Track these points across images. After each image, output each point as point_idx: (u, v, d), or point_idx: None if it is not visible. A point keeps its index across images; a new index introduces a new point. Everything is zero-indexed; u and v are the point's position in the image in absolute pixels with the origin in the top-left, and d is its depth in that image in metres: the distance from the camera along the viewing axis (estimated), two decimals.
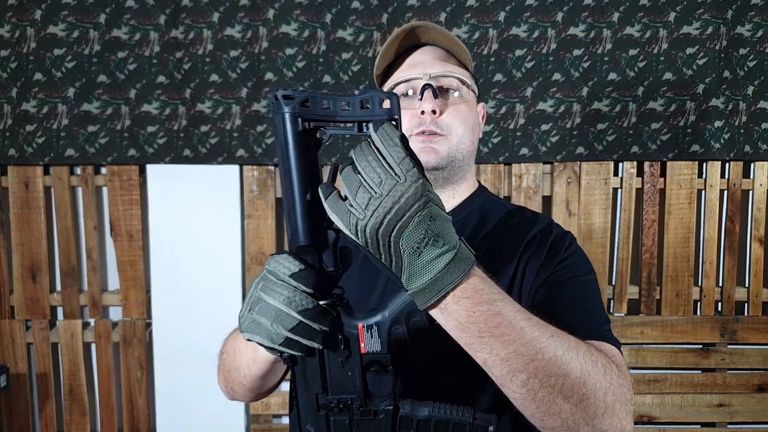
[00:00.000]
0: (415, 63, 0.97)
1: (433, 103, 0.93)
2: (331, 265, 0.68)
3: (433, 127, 0.93)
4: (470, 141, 0.97)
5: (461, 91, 0.97)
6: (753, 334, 2.14)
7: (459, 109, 0.95)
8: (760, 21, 2.01)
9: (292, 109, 0.64)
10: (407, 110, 0.95)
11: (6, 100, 2.00)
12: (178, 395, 2.11)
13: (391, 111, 0.64)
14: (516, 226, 0.98)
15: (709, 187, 2.10)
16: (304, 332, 0.65)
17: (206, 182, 2.06)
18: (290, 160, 0.64)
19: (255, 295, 0.67)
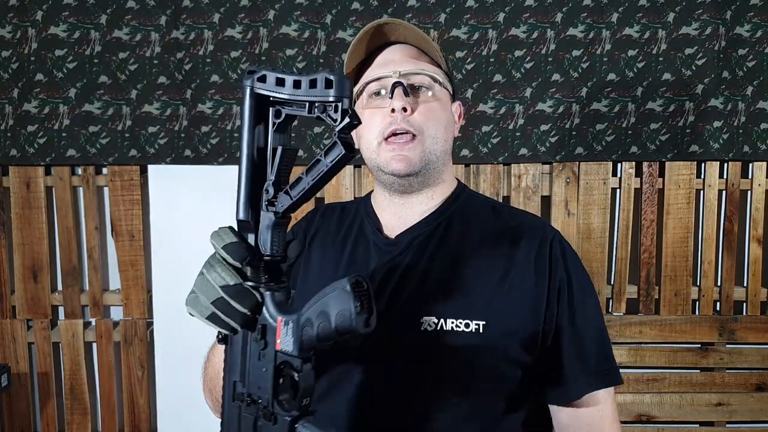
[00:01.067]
0: (385, 61, 0.96)
1: (404, 101, 0.90)
2: (269, 249, 0.69)
3: (404, 125, 0.91)
4: (443, 140, 0.95)
5: (433, 89, 0.94)
6: (751, 333, 2.15)
7: (431, 108, 0.93)
8: (759, 21, 2.01)
9: (249, 83, 0.67)
10: (378, 109, 0.93)
11: (7, 101, 2.00)
12: (179, 395, 2.12)
13: (337, 91, 0.61)
14: (507, 232, 0.96)
15: (708, 187, 2.11)
16: (224, 308, 0.67)
17: (207, 182, 2.07)
18: (242, 133, 0.69)
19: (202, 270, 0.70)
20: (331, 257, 1.00)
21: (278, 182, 0.69)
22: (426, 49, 0.96)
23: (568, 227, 2.10)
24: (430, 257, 0.93)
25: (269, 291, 0.69)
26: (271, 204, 0.68)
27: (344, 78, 0.62)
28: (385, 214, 1.01)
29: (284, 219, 0.69)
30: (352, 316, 0.63)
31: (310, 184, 0.65)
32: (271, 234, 0.68)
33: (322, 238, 1.04)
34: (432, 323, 0.87)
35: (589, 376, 0.93)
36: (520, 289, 0.91)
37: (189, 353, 2.11)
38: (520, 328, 0.89)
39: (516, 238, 0.94)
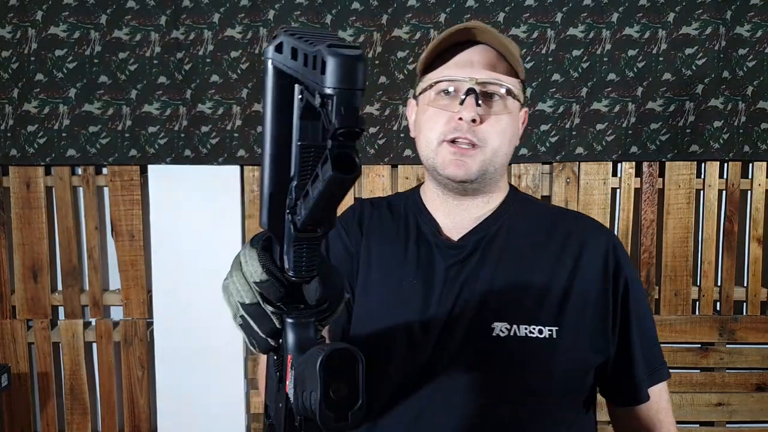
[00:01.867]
0: (463, 62, 0.90)
1: (474, 112, 0.87)
2: (291, 268, 0.55)
3: (469, 136, 0.88)
4: (505, 153, 0.92)
5: (506, 101, 0.90)
6: (751, 333, 2.15)
7: (500, 120, 0.89)
8: (759, 21, 2.01)
9: (269, 54, 0.51)
10: (445, 111, 0.90)
11: (7, 101, 2.00)
12: (179, 395, 2.12)
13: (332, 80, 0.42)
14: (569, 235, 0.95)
15: (708, 187, 2.11)
16: (245, 326, 0.58)
17: (207, 182, 2.07)
18: (264, 119, 0.53)
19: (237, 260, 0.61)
20: (394, 255, 0.96)
21: (301, 186, 0.52)
22: (506, 55, 0.91)
23: None
24: (497, 260, 0.91)
25: (292, 319, 0.57)
26: (293, 212, 0.53)
27: (349, 58, 0.42)
28: (439, 214, 0.98)
29: (306, 233, 0.53)
30: (317, 408, 0.48)
31: (313, 202, 0.48)
32: (293, 250, 0.54)
33: (378, 232, 0.99)
34: (504, 329, 0.86)
35: (652, 374, 0.99)
36: (587, 292, 0.91)
37: (189, 353, 2.12)
38: (591, 332, 0.90)
39: (580, 242, 0.93)
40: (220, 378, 2.12)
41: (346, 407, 0.49)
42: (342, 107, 0.42)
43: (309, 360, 0.50)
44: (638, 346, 0.94)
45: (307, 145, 0.51)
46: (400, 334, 0.89)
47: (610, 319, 0.92)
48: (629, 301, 0.94)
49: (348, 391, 0.49)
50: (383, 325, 0.89)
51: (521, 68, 0.92)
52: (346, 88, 0.42)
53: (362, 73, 0.42)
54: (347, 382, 0.49)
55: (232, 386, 2.14)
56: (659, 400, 1.01)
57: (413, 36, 2.01)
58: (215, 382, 2.12)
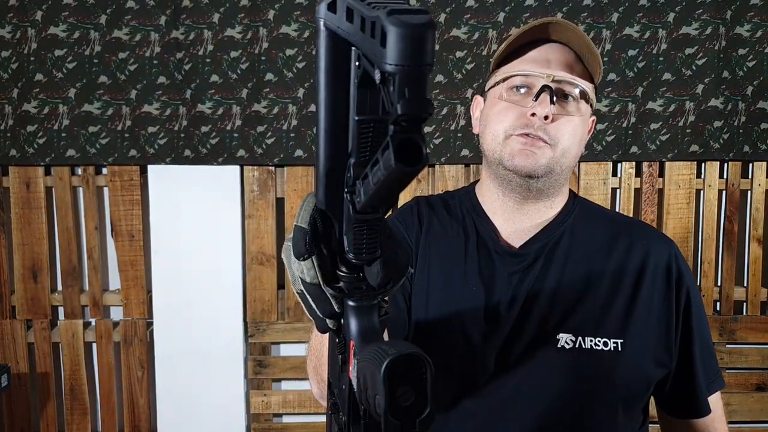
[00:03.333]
0: (538, 59, 0.88)
1: (548, 109, 0.85)
2: (350, 250, 0.50)
3: (540, 133, 0.86)
4: (573, 156, 0.90)
5: (579, 103, 0.89)
6: (752, 333, 2.14)
7: (571, 121, 0.88)
8: (759, 21, 2.01)
9: (321, 13, 0.46)
10: (517, 106, 0.88)
11: (7, 101, 2.00)
12: (179, 395, 2.12)
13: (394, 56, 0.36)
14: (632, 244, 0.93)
15: (708, 187, 2.11)
16: (305, 303, 0.54)
17: (207, 183, 2.07)
18: (317, 86, 0.48)
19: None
20: (455, 258, 0.93)
21: (360, 164, 0.47)
22: (585, 58, 0.88)
23: None
24: (560, 270, 0.89)
25: (354, 302, 0.52)
26: (352, 192, 0.48)
27: (415, 28, 0.35)
28: (498, 218, 0.94)
29: (366, 215, 0.48)
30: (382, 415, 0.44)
31: (373, 191, 0.43)
32: (353, 231, 0.50)
33: (438, 232, 0.96)
34: (570, 341, 0.85)
35: (710, 385, 0.97)
36: (650, 304, 0.90)
37: (189, 353, 2.12)
38: (655, 345, 0.90)
39: (643, 251, 0.92)
40: (220, 378, 2.12)
41: (413, 415, 0.45)
42: (406, 88, 0.36)
43: (373, 359, 0.45)
44: (699, 359, 0.93)
45: (366, 119, 0.45)
46: (459, 343, 0.87)
47: (673, 331, 0.91)
48: (691, 313, 0.93)
49: (415, 397, 0.45)
50: (443, 332, 0.86)
51: (599, 72, 0.90)
52: (411, 65, 0.36)
53: (431, 45, 0.36)
54: (414, 388, 0.44)
55: (232, 386, 2.14)
56: (716, 408, 0.98)
57: None
58: (215, 382, 2.12)
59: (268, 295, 2.12)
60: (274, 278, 2.12)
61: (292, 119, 2.03)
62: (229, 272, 2.10)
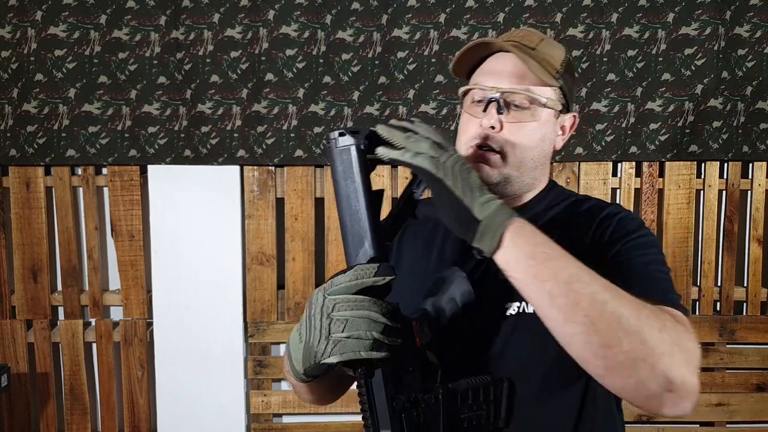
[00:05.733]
0: (491, 70, 0.95)
1: (494, 119, 0.91)
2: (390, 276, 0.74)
3: (489, 142, 0.92)
4: (530, 158, 0.94)
5: (531, 110, 0.93)
6: (751, 333, 2.15)
7: (522, 127, 0.92)
8: (758, 21, 2.01)
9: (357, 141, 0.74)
10: (475, 118, 0.94)
11: (7, 101, 2.00)
12: (178, 395, 2.12)
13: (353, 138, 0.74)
14: (589, 211, 0.98)
15: (708, 187, 2.11)
16: (388, 333, 0.70)
17: (207, 183, 2.07)
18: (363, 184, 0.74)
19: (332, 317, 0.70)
20: (422, 245, 1.03)
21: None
22: (530, 66, 0.92)
23: None
24: None
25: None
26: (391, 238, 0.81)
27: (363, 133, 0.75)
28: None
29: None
30: (472, 293, 0.82)
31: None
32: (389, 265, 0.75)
33: (410, 230, 1.06)
34: (516, 308, 0.91)
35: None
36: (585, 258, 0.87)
37: (189, 353, 2.12)
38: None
39: (590, 223, 0.95)
40: (220, 378, 2.12)
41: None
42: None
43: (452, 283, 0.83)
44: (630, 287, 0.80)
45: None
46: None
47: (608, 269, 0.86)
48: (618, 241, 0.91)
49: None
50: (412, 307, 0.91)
51: (554, 73, 0.93)
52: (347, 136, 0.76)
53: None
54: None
55: (232, 386, 2.14)
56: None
57: (413, 36, 2.01)
58: (215, 382, 2.12)
59: (268, 295, 2.12)
60: (274, 278, 2.12)
61: (292, 119, 2.03)
62: (229, 272, 2.10)
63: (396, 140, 0.75)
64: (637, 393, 0.71)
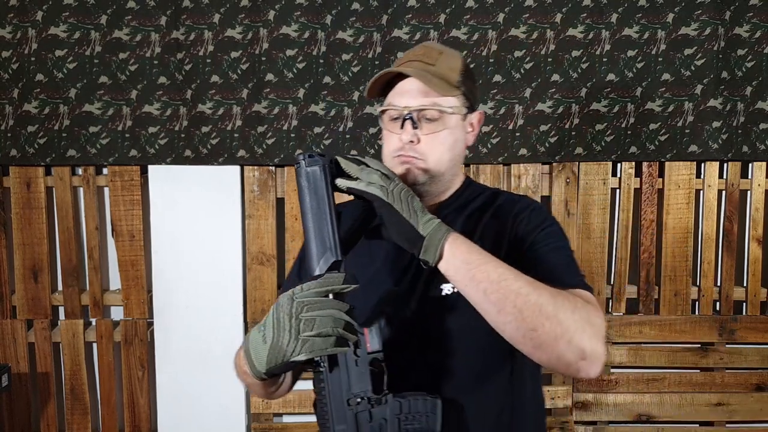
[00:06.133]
0: (402, 91, 1.08)
1: (411, 134, 1.05)
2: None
3: (411, 153, 1.05)
4: (448, 160, 1.08)
5: (442, 119, 1.06)
6: (751, 333, 2.15)
7: (437, 137, 1.06)
8: (758, 22, 2.02)
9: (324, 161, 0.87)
10: (392, 133, 1.08)
11: (7, 101, 2.01)
12: (179, 395, 2.12)
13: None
14: (503, 207, 1.12)
15: (708, 187, 2.11)
16: (349, 330, 0.80)
17: (207, 183, 2.07)
18: (328, 201, 0.86)
19: (301, 318, 0.79)
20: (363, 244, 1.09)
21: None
22: (431, 83, 1.05)
23: (568, 227, 2.10)
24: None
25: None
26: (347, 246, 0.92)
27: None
28: None
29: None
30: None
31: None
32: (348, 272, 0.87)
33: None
34: (450, 289, 1.03)
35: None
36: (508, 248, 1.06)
37: (189, 353, 2.12)
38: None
39: (507, 215, 1.10)
40: (221, 378, 2.12)
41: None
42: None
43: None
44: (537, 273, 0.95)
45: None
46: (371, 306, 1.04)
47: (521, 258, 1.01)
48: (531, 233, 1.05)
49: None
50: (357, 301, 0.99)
51: (454, 83, 1.07)
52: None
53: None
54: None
55: (232, 386, 2.14)
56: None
57: (413, 36, 2.01)
58: (215, 382, 2.12)
59: (268, 295, 2.12)
60: (274, 278, 2.12)
61: (292, 119, 2.04)
62: (229, 272, 2.11)
63: (351, 171, 0.88)
64: (559, 363, 0.87)
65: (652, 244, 2.13)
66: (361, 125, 2.03)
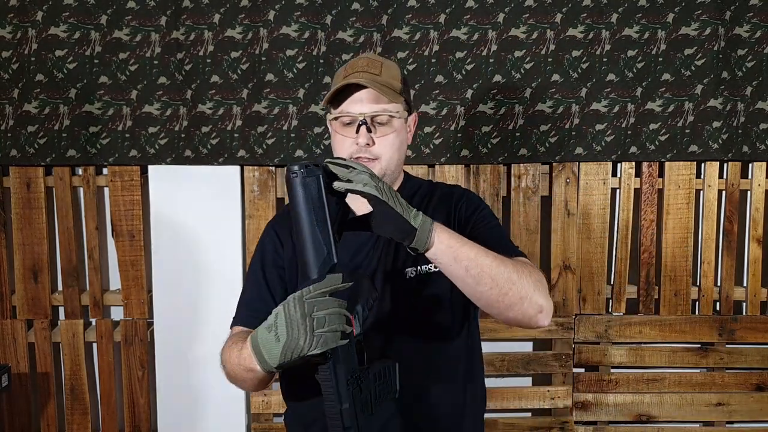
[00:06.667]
0: (356, 99, 1.21)
1: (366, 137, 1.19)
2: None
3: (366, 155, 1.20)
4: (397, 158, 1.25)
5: (391, 123, 1.22)
6: (751, 333, 2.15)
7: (387, 138, 1.22)
8: (758, 22, 2.02)
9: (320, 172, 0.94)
10: (347, 137, 1.21)
11: (8, 101, 2.01)
12: (179, 395, 2.12)
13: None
14: (443, 197, 1.31)
15: (708, 187, 2.11)
16: (348, 324, 0.91)
17: (207, 183, 2.07)
18: (324, 209, 0.93)
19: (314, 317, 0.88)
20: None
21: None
22: (382, 90, 1.20)
23: (568, 227, 2.10)
24: None
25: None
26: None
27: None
28: (354, 203, 1.16)
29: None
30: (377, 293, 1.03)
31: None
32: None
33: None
34: (413, 272, 1.21)
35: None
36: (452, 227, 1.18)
37: (189, 353, 2.12)
38: None
39: (448, 205, 1.29)
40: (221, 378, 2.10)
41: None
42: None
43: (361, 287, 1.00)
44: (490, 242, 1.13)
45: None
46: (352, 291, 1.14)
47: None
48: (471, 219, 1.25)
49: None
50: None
51: (397, 90, 1.23)
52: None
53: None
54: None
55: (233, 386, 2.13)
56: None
57: (413, 36, 2.01)
58: (215, 382, 2.11)
59: None
60: None
61: (292, 119, 2.04)
62: (229, 272, 2.11)
63: (343, 174, 0.95)
64: (523, 318, 1.07)
65: (652, 244, 2.13)
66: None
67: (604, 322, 2.15)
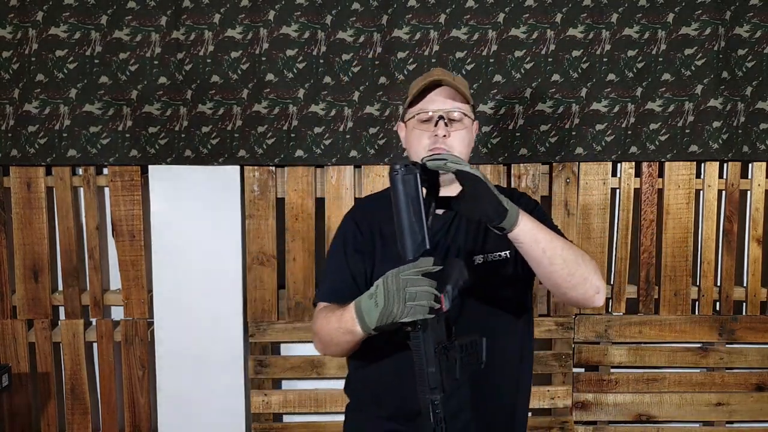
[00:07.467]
0: (433, 99, 1.34)
1: (444, 130, 1.31)
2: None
3: (442, 146, 1.30)
4: (466, 154, 1.35)
5: (463, 121, 1.34)
6: (751, 333, 2.15)
7: (460, 134, 1.33)
8: (758, 22, 2.02)
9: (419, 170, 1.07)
10: (426, 131, 1.32)
11: (8, 101, 2.01)
12: (179, 394, 2.12)
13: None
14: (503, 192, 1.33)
15: (708, 187, 2.11)
16: (436, 301, 1.05)
17: (207, 183, 2.07)
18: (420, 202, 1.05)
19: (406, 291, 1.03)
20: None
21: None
22: (460, 91, 1.33)
23: (568, 227, 2.10)
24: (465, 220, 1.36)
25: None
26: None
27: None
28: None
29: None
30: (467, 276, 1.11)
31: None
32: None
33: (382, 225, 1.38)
34: (481, 258, 1.32)
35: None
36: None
37: (189, 353, 2.12)
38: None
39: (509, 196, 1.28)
40: (221, 377, 2.13)
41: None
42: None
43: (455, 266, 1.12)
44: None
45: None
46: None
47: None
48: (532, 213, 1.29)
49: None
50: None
51: (469, 97, 1.36)
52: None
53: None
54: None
55: (233, 386, 2.14)
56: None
57: (413, 36, 2.01)
58: (216, 382, 2.12)
59: (269, 294, 2.12)
60: (274, 278, 2.12)
61: (292, 119, 2.04)
62: (229, 272, 2.11)
63: (441, 167, 1.09)
64: (582, 297, 1.19)
65: (652, 244, 2.14)
66: (361, 125, 2.04)
67: (604, 321, 2.15)
